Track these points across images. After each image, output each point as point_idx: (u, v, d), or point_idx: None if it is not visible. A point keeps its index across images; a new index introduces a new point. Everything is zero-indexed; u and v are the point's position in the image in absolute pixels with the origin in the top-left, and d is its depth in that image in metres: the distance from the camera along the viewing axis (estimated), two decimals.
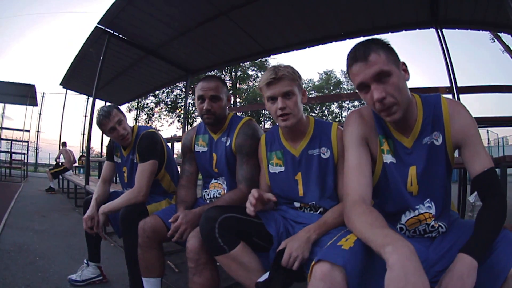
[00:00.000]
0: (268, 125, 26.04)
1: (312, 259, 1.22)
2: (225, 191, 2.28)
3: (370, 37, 1.42)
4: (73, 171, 11.23)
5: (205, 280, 1.76)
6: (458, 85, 5.21)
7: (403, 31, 5.53)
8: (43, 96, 20.99)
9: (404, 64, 1.43)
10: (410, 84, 1.47)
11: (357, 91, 1.46)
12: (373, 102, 1.37)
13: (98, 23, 5.72)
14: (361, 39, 1.44)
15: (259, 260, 1.71)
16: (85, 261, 2.87)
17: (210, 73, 7.52)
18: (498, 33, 16.55)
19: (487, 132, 21.26)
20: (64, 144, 12.06)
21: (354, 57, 1.37)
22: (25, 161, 16.24)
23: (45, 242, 4.11)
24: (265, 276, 1.54)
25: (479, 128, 1.48)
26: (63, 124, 16.48)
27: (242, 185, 2.14)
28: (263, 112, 24.75)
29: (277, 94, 1.79)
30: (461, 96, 5.32)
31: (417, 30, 5.51)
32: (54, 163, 11.94)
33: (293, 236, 1.63)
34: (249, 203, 1.65)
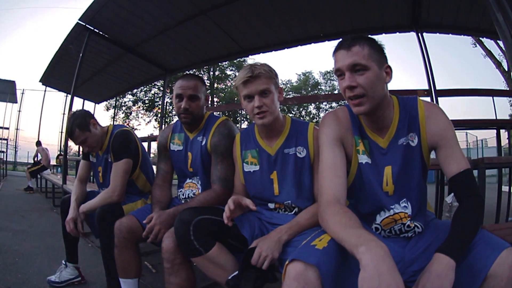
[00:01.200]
0: (245, 124, 25.98)
1: (286, 259, 1.22)
2: (200, 191, 2.27)
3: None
4: (51, 170, 11.07)
5: (181, 280, 1.77)
6: (437, 88, 5.28)
7: (383, 34, 5.58)
8: (22, 93, 20.57)
9: (389, 67, 1.45)
10: (390, 85, 1.50)
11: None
12: (344, 88, 1.41)
13: (79, 20, 5.65)
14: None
15: (235, 260, 1.72)
16: (63, 262, 2.84)
17: (188, 72, 7.48)
18: (480, 38, 16.91)
19: (466, 134, 21.57)
20: (38, 143, 11.84)
21: (340, 44, 1.42)
22: (4, 159, 15.91)
23: (24, 243, 4.06)
24: (235, 273, 1.55)
25: (458, 131, 1.51)
26: (42, 122, 16.14)
27: (216, 185, 2.14)
28: (240, 111, 24.74)
29: (253, 92, 1.78)
30: (444, 98, 5.41)
31: (398, 33, 5.57)
32: (33, 161, 11.75)
33: (264, 236, 1.65)
34: (225, 214, 1.63)
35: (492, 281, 1.12)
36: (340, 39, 1.46)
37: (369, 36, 1.46)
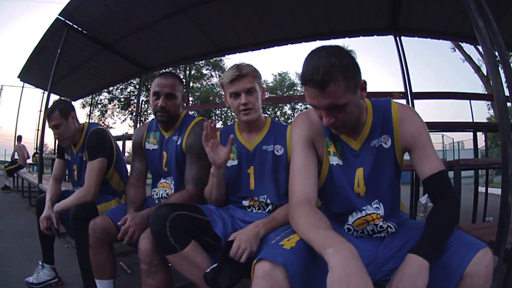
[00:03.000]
0: (219, 124, 26.04)
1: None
2: (173, 191, 2.26)
3: (335, 47, 1.32)
4: (27, 169, 10.89)
5: (158, 282, 1.75)
6: (414, 91, 5.37)
7: (361, 37, 5.62)
8: (1, 89, 20.11)
9: (364, 82, 1.40)
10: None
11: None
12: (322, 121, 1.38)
13: (59, 15, 5.54)
14: (317, 43, 1.44)
15: (210, 259, 1.71)
16: (40, 263, 2.82)
17: (166, 70, 7.43)
18: (460, 43, 17.21)
19: (442, 136, 21.81)
20: (19, 138, 11.64)
21: (311, 79, 1.27)
22: None
23: (2, 243, 4.05)
24: (214, 266, 1.54)
25: (434, 133, 1.53)
26: (20, 119, 15.81)
27: (190, 185, 2.14)
28: (215, 111, 24.73)
29: (240, 90, 1.89)
30: (422, 101, 5.49)
31: (375, 36, 5.62)
32: (9, 160, 11.54)
33: (242, 230, 1.67)
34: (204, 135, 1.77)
35: (469, 280, 1.13)
36: (308, 66, 1.29)
37: (338, 46, 1.33)
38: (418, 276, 1.11)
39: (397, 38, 5.33)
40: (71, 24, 5.73)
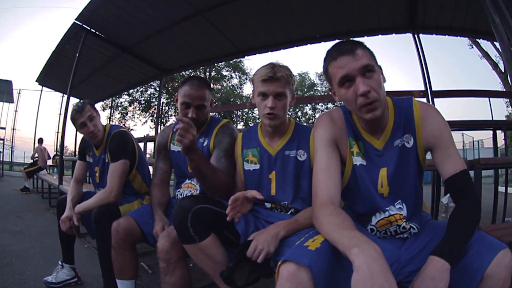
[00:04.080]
0: (241, 125, 25.96)
1: (280, 258, 1.21)
2: (198, 192, 2.25)
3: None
4: (47, 171, 11.01)
5: (176, 279, 1.78)
6: (434, 89, 5.30)
7: (380, 35, 5.58)
8: (19, 93, 20.43)
9: (380, 67, 1.44)
10: (385, 86, 1.47)
11: (332, 90, 1.50)
12: (356, 96, 1.36)
13: (75, 20, 5.64)
14: (336, 42, 1.45)
15: (226, 254, 1.73)
16: (59, 262, 2.83)
17: (193, 74, 7.45)
18: (477, 40, 16.95)
19: (462, 135, 21.54)
20: (40, 140, 11.75)
21: (340, 50, 1.37)
22: (1, 159, 15.84)
23: (21, 243, 4.06)
24: (230, 264, 1.55)
25: (455, 132, 1.50)
26: (38, 122, 16.06)
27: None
28: (236, 112, 24.67)
29: (270, 92, 1.80)
30: (440, 99, 5.42)
31: (394, 34, 5.58)
32: (29, 161, 11.67)
33: (262, 230, 1.64)
34: (229, 208, 1.62)
35: (489, 282, 1.12)
36: (334, 45, 1.43)
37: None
38: (439, 279, 1.10)
39: (415, 35, 5.27)
40: (89, 28, 5.83)
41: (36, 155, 10.85)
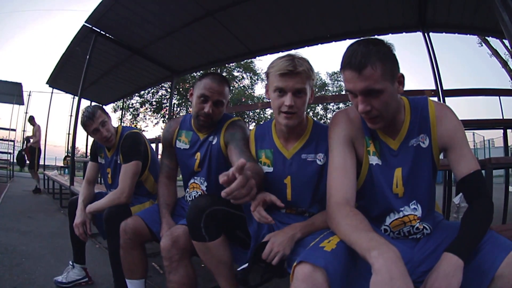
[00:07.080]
0: (252, 126, 25.86)
1: (295, 259, 1.21)
2: (205, 191, 2.19)
3: (374, 38, 1.36)
4: (58, 171, 11.00)
5: (180, 277, 1.80)
6: (444, 88, 5.25)
7: (390, 34, 5.53)
8: (29, 95, 20.53)
9: (401, 76, 1.39)
10: None
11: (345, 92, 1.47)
12: (357, 108, 1.36)
13: (85, 22, 5.66)
14: (347, 42, 1.42)
15: (232, 256, 1.74)
16: (70, 262, 2.85)
17: (214, 71, 7.42)
18: (486, 37, 16.80)
19: (473, 134, 21.39)
20: (32, 118, 10.11)
21: (349, 62, 1.30)
22: (11, 161, 15.93)
23: (31, 243, 4.07)
24: (245, 266, 1.55)
25: (465, 131, 1.49)
26: (49, 123, 16.17)
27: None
28: (248, 113, 24.54)
29: (289, 89, 1.63)
30: (449, 98, 5.37)
31: (404, 33, 5.54)
32: (25, 144, 10.82)
33: (278, 231, 1.62)
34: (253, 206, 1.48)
35: (500, 281, 1.12)
36: (349, 48, 1.34)
37: (377, 38, 1.36)
38: (452, 276, 1.11)
39: (425, 34, 5.23)
40: (99, 30, 5.86)
41: (31, 139, 9.89)
